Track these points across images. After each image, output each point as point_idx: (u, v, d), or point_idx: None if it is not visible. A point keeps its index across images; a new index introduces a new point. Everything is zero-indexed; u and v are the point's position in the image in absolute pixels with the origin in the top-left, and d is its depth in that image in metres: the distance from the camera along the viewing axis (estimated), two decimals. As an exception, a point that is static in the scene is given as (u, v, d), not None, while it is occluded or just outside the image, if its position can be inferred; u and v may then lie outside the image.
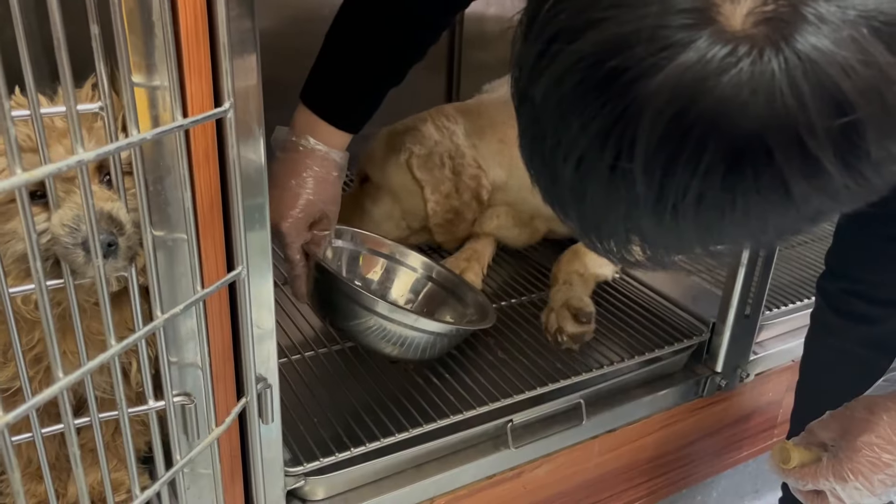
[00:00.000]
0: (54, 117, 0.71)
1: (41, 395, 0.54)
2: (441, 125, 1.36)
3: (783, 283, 1.50)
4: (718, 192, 0.47)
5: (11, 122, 0.48)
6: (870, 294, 1.03)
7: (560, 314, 1.28)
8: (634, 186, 0.48)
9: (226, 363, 0.81)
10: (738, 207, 0.48)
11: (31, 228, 0.52)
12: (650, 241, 0.54)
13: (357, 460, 1.02)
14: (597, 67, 0.47)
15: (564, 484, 1.22)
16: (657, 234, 0.52)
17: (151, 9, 0.61)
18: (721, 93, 0.44)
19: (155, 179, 0.68)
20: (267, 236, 0.78)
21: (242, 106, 0.71)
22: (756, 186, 0.46)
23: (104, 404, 0.79)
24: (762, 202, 0.47)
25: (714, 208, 0.48)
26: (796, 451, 0.93)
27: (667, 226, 0.50)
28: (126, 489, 0.91)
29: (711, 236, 0.52)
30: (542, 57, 0.50)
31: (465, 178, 1.34)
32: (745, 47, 0.44)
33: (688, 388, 1.30)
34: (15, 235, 0.70)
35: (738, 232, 0.52)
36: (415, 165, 1.32)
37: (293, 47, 1.75)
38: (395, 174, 1.33)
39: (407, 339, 1.08)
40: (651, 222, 0.50)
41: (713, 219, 0.49)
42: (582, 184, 0.51)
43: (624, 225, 0.52)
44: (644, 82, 0.45)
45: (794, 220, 0.50)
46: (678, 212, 0.48)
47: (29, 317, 0.75)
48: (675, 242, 0.54)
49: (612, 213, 0.52)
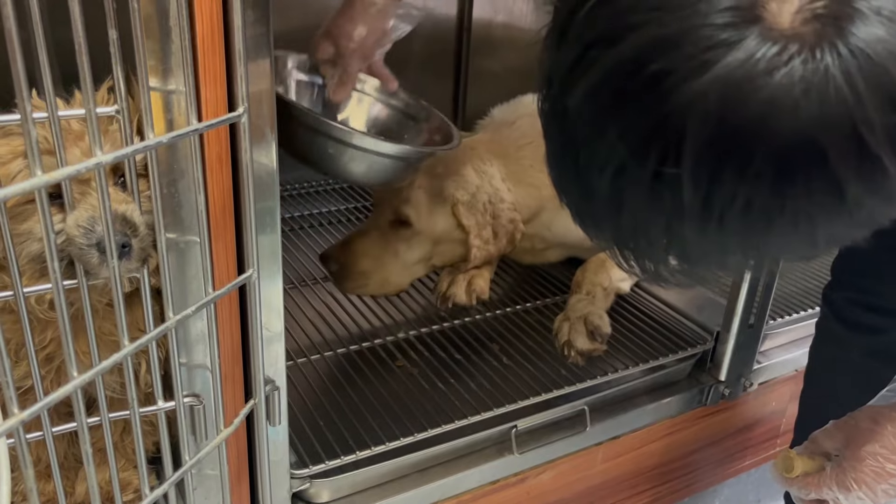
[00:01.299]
0: (70, 120, 0.71)
1: (56, 393, 0.55)
2: (479, 168, 1.34)
3: (787, 293, 1.50)
4: (767, 197, 0.45)
5: (33, 124, 0.49)
6: (875, 304, 1.04)
7: (575, 326, 1.29)
8: (680, 193, 0.46)
9: (235, 365, 0.82)
10: (787, 214, 0.46)
11: (49, 229, 0.53)
12: (689, 254, 0.52)
13: (362, 464, 1.02)
14: (638, 71, 0.45)
15: (568, 490, 1.22)
16: (698, 245, 0.50)
17: (169, 14, 0.62)
18: (771, 93, 0.43)
19: (169, 182, 0.69)
20: (278, 240, 0.79)
21: (256, 110, 0.71)
22: (807, 191, 0.45)
23: (113, 404, 0.80)
24: (813, 208, 0.46)
25: (762, 216, 0.46)
26: (799, 459, 0.93)
27: (711, 236, 0.48)
28: (133, 489, 0.92)
29: (756, 248, 0.51)
30: (578, 64, 0.48)
31: (504, 222, 1.33)
32: (795, 45, 0.43)
33: (691, 396, 1.30)
34: (30, 236, 0.71)
35: (783, 242, 0.50)
36: (462, 212, 1.30)
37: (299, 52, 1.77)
38: (441, 220, 1.30)
39: (372, 163, 1.10)
40: (694, 232, 0.48)
41: (760, 228, 0.47)
42: (620, 196, 0.49)
43: (665, 236, 0.50)
44: (689, 84, 0.44)
45: (845, 226, 0.49)
46: (724, 220, 0.47)
47: (42, 316, 0.75)
48: (715, 255, 0.52)
49: (652, 225, 0.50)
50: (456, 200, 1.29)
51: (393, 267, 1.31)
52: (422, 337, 1.32)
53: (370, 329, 1.33)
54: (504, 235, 1.34)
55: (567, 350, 1.27)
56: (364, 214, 1.73)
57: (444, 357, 1.26)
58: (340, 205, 1.78)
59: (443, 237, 1.32)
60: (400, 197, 1.29)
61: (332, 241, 1.59)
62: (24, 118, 0.49)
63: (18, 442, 0.55)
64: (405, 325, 1.34)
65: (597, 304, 1.34)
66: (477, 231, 1.31)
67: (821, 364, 1.15)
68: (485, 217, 1.31)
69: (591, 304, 1.33)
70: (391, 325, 1.34)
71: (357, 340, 1.29)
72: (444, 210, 1.30)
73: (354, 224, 1.69)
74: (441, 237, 1.32)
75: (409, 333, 1.32)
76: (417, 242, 1.32)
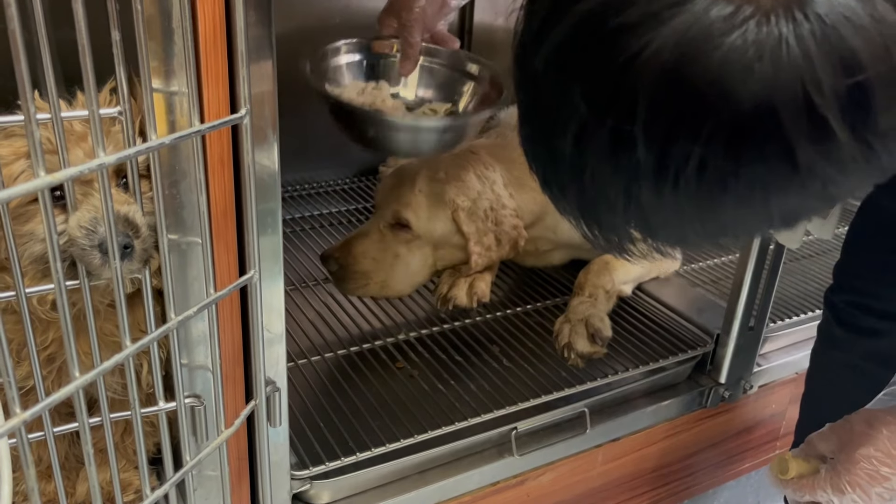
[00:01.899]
0: (72, 121, 0.72)
1: (58, 393, 0.55)
2: (481, 174, 1.33)
3: (787, 296, 1.50)
4: (721, 159, 0.46)
5: (37, 125, 0.49)
6: (876, 308, 1.04)
7: (576, 328, 1.29)
8: (635, 151, 0.47)
9: (235, 366, 0.82)
10: (741, 178, 0.46)
11: (52, 230, 0.53)
12: (649, 221, 0.52)
13: (362, 465, 1.03)
14: (599, 27, 0.46)
15: (568, 492, 1.22)
16: (656, 211, 0.50)
17: (171, 15, 0.62)
18: (724, 54, 0.44)
19: (171, 183, 0.69)
20: (279, 241, 0.79)
21: (258, 112, 0.72)
22: (761, 154, 0.45)
23: (114, 405, 0.80)
24: (767, 173, 0.46)
25: (717, 179, 0.47)
26: (795, 462, 0.93)
27: (667, 200, 0.49)
28: (134, 489, 0.92)
29: (713, 216, 0.51)
30: (546, 22, 0.49)
31: (507, 228, 1.33)
32: (749, 8, 0.44)
33: (691, 398, 1.30)
34: (32, 237, 0.71)
35: (739, 213, 0.50)
36: (462, 219, 1.29)
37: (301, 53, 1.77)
38: (440, 226, 1.30)
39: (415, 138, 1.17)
40: (651, 195, 0.49)
41: (716, 193, 0.48)
42: (582, 158, 0.50)
43: (624, 200, 0.50)
44: (645, 40, 0.44)
45: (799, 196, 0.49)
46: (679, 182, 0.47)
47: (44, 317, 0.75)
48: (675, 224, 0.52)
49: (611, 187, 0.50)
50: (456, 206, 1.29)
51: (393, 269, 1.31)
52: (422, 338, 1.32)
53: (370, 330, 1.33)
54: (507, 242, 1.33)
55: (567, 352, 1.27)
56: (365, 216, 1.73)
57: (444, 359, 1.26)
58: (342, 206, 1.78)
59: (443, 242, 1.32)
60: (400, 200, 1.29)
61: (333, 242, 1.59)
62: (27, 119, 0.49)
63: (21, 442, 0.55)
64: (405, 326, 1.34)
65: (598, 306, 1.34)
66: (477, 238, 1.30)
67: (821, 367, 1.15)
68: (486, 224, 1.31)
69: (592, 306, 1.33)
70: (391, 326, 1.34)
71: (357, 342, 1.29)
72: (444, 215, 1.30)
73: (356, 225, 1.68)
74: (441, 242, 1.32)
75: (410, 335, 1.32)
76: (417, 246, 1.31)
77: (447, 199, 1.29)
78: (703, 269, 1.62)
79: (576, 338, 1.27)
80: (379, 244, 1.30)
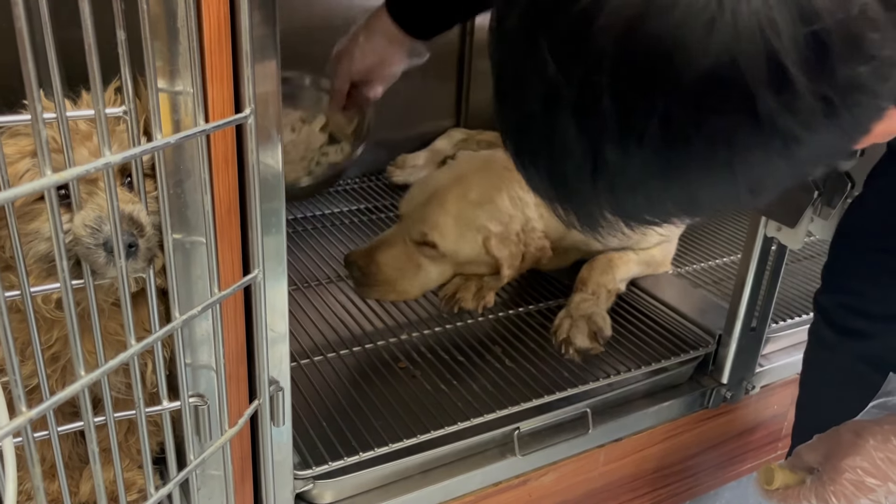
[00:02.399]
0: (77, 120, 0.72)
1: (63, 392, 0.55)
2: (514, 196, 1.32)
3: (789, 297, 1.51)
4: (683, 110, 0.46)
5: (43, 124, 0.49)
6: (864, 309, 1.04)
7: (577, 325, 1.29)
8: (600, 105, 0.47)
9: (239, 365, 0.82)
10: (703, 132, 0.47)
11: (59, 228, 0.53)
12: (616, 186, 0.52)
13: (365, 465, 1.03)
14: None
15: (570, 492, 1.22)
16: (623, 172, 0.50)
17: (177, 15, 0.62)
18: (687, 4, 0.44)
19: (175, 183, 0.69)
20: (283, 241, 0.79)
21: (262, 111, 0.72)
22: (722, 104, 0.46)
23: (117, 404, 0.80)
24: (727, 126, 0.47)
25: (680, 134, 0.47)
26: (780, 472, 0.93)
27: (633, 158, 0.49)
28: (137, 489, 0.92)
29: (680, 180, 0.51)
30: None
31: (532, 249, 1.33)
32: None
33: (693, 399, 1.31)
34: (38, 236, 0.71)
35: (705, 176, 0.50)
36: (493, 245, 1.29)
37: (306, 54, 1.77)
38: (468, 249, 1.30)
39: None
40: (617, 154, 0.49)
41: (679, 149, 0.48)
42: (550, 118, 0.50)
43: (592, 161, 0.50)
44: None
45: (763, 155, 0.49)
46: (644, 139, 0.47)
47: (48, 316, 0.76)
48: (642, 190, 0.52)
49: (579, 147, 0.50)
50: (489, 233, 1.29)
51: (415, 279, 1.32)
52: (424, 339, 1.32)
53: (373, 330, 1.33)
54: (530, 259, 1.34)
55: (565, 347, 1.27)
56: (369, 216, 1.74)
57: (446, 359, 1.26)
58: (346, 206, 1.78)
59: (470, 262, 1.33)
60: (428, 221, 1.29)
61: (337, 242, 1.60)
62: (34, 118, 0.49)
63: (26, 441, 0.55)
64: (408, 327, 1.34)
65: (601, 304, 1.35)
66: (510, 262, 1.31)
67: (813, 370, 1.15)
68: (517, 247, 1.31)
69: (595, 304, 1.33)
70: (394, 326, 1.35)
71: (360, 342, 1.29)
72: (474, 239, 1.30)
73: (358, 226, 1.69)
74: (467, 262, 1.33)
75: (412, 335, 1.32)
76: (443, 262, 1.32)
77: (479, 224, 1.29)
78: (705, 270, 1.62)
79: (576, 332, 1.28)
80: (403, 255, 1.31)
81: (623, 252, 1.46)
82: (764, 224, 1.17)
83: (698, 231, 1.77)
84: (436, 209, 1.29)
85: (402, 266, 1.30)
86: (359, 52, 1.27)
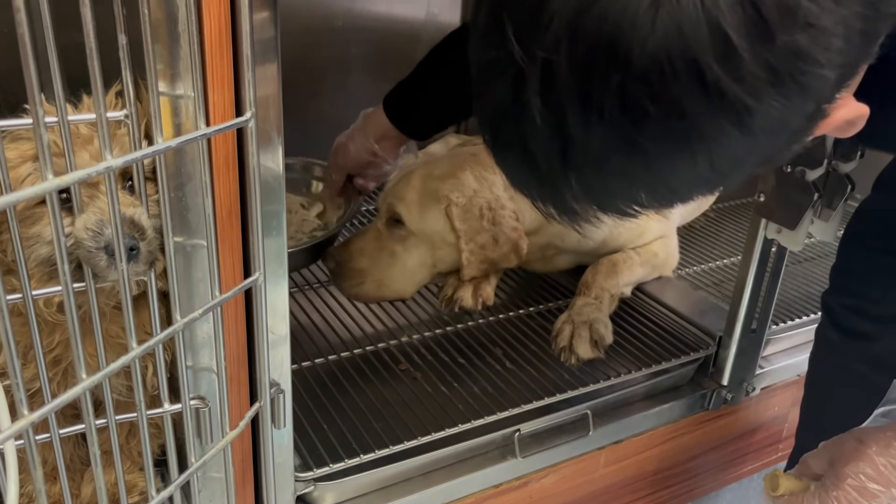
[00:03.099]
0: (79, 124, 0.72)
1: (65, 395, 0.56)
2: (479, 175, 1.33)
3: (790, 299, 1.51)
4: (638, 84, 0.48)
5: (45, 128, 0.49)
6: (870, 311, 1.04)
7: (579, 331, 1.29)
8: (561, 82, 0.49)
9: (240, 368, 0.83)
10: (659, 104, 0.48)
11: (60, 232, 0.53)
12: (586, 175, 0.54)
13: (366, 467, 1.03)
14: None
15: (570, 494, 1.22)
16: (586, 149, 0.52)
17: (178, 19, 0.63)
18: None
19: (176, 186, 0.69)
20: (283, 243, 0.79)
21: (263, 115, 0.72)
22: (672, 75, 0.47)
23: (119, 407, 0.80)
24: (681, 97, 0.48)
25: (637, 107, 0.49)
26: (785, 478, 0.93)
27: (595, 133, 0.51)
28: (139, 491, 0.92)
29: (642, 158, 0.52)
30: None
31: (506, 230, 1.32)
32: None
33: (694, 401, 1.31)
34: (39, 239, 0.71)
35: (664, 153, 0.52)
36: (454, 214, 1.29)
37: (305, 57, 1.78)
38: (432, 222, 1.30)
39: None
40: (580, 128, 0.51)
41: (639, 121, 0.49)
42: (519, 102, 0.52)
43: (559, 148, 0.53)
44: None
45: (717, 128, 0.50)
46: (604, 111, 0.49)
47: (50, 319, 0.76)
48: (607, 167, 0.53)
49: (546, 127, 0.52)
50: (450, 202, 1.29)
51: (390, 268, 1.31)
52: (425, 341, 1.32)
53: (373, 333, 1.33)
54: (506, 243, 1.33)
55: (566, 355, 1.27)
56: (368, 219, 1.74)
57: (447, 361, 1.27)
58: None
59: (438, 240, 1.32)
60: (395, 195, 1.31)
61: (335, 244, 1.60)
62: (36, 122, 0.49)
63: (28, 443, 0.56)
64: (408, 329, 1.35)
65: (603, 309, 1.34)
66: (470, 236, 1.30)
67: (819, 371, 1.15)
68: (481, 223, 1.30)
69: (598, 310, 1.33)
70: (395, 329, 1.35)
71: (361, 344, 1.29)
72: (438, 210, 1.30)
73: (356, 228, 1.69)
74: (436, 240, 1.32)
75: (413, 337, 1.32)
76: (413, 244, 1.32)
77: (441, 195, 1.30)
78: (705, 272, 1.62)
79: (578, 341, 1.27)
80: (375, 242, 1.32)
81: (625, 254, 1.45)
82: (764, 226, 1.17)
83: (699, 233, 1.77)
84: (402, 186, 1.33)
85: (375, 254, 1.31)
86: (354, 148, 1.32)
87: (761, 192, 1.14)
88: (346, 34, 1.81)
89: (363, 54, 1.84)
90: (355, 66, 1.84)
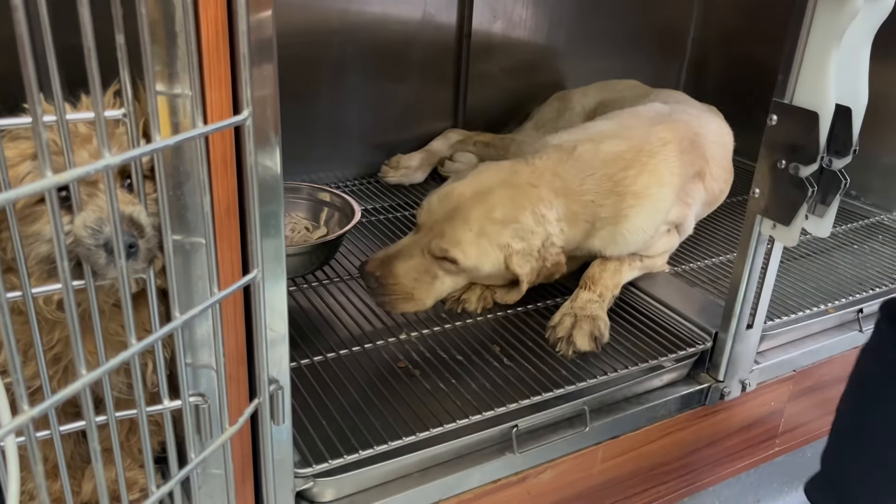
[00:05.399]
0: (77, 123, 0.73)
1: (64, 391, 0.56)
2: (538, 214, 1.32)
3: (785, 295, 1.51)
4: None
5: (43, 127, 0.50)
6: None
7: (580, 325, 1.30)
8: None
9: (239, 365, 0.83)
10: None
11: (59, 230, 0.54)
12: None
13: (365, 463, 1.03)
14: None
15: (568, 490, 1.23)
16: None
17: (175, 19, 0.63)
18: None
19: (175, 184, 0.70)
20: (282, 242, 0.80)
21: (260, 114, 0.72)
22: None
23: (119, 404, 0.81)
24: None
25: None
26: None
27: None
28: (139, 488, 0.93)
29: None
30: None
31: (549, 265, 1.34)
32: None
33: (690, 396, 1.31)
34: (39, 238, 0.72)
35: None
36: (515, 262, 1.30)
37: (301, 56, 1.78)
38: (489, 266, 1.30)
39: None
40: None
41: None
42: None
43: None
44: None
45: None
46: None
47: (49, 317, 0.76)
48: None
49: None
50: (511, 251, 1.29)
51: (430, 290, 1.33)
52: (423, 338, 1.33)
53: (372, 331, 1.34)
54: (545, 274, 1.35)
55: (564, 345, 1.28)
56: (367, 218, 1.74)
57: (445, 358, 1.27)
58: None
59: (486, 275, 1.34)
60: (449, 238, 1.28)
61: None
62: (35, 121, 0.50)
63: (28, 439, 0.56)
64: (407, 326, 1.35)
65: (605, 308, 1.36)
66: (528, 278, 1.32)
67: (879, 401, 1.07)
68: (538, 262, 1.32)
69: (600, 307, 1.35)
70: (393, 326, 1.35)
71: (359, 342, 1.30)
72: (496, 256, 1.30)
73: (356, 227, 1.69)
74: (485, 277, 1.35)
75: (411, 335, 1.33)
76: (460, 275, 1.33)
77: (502, 242, 1.29)
78: (701, 269, 1.63)
79: (579, 333, 1.28)
80: (421, 267, 1.31)
81: (631, 257, 1.47)
82: (759, 222, 1.18)
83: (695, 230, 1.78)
84: (459, 226, 1.29)
85: (420, 277, 1.31)
86: None
87: (756, 189, 1.15)
88: (342, 34, 1.82)
89: (360, 54, 1.85)
90: (352, 66, 1.85)
